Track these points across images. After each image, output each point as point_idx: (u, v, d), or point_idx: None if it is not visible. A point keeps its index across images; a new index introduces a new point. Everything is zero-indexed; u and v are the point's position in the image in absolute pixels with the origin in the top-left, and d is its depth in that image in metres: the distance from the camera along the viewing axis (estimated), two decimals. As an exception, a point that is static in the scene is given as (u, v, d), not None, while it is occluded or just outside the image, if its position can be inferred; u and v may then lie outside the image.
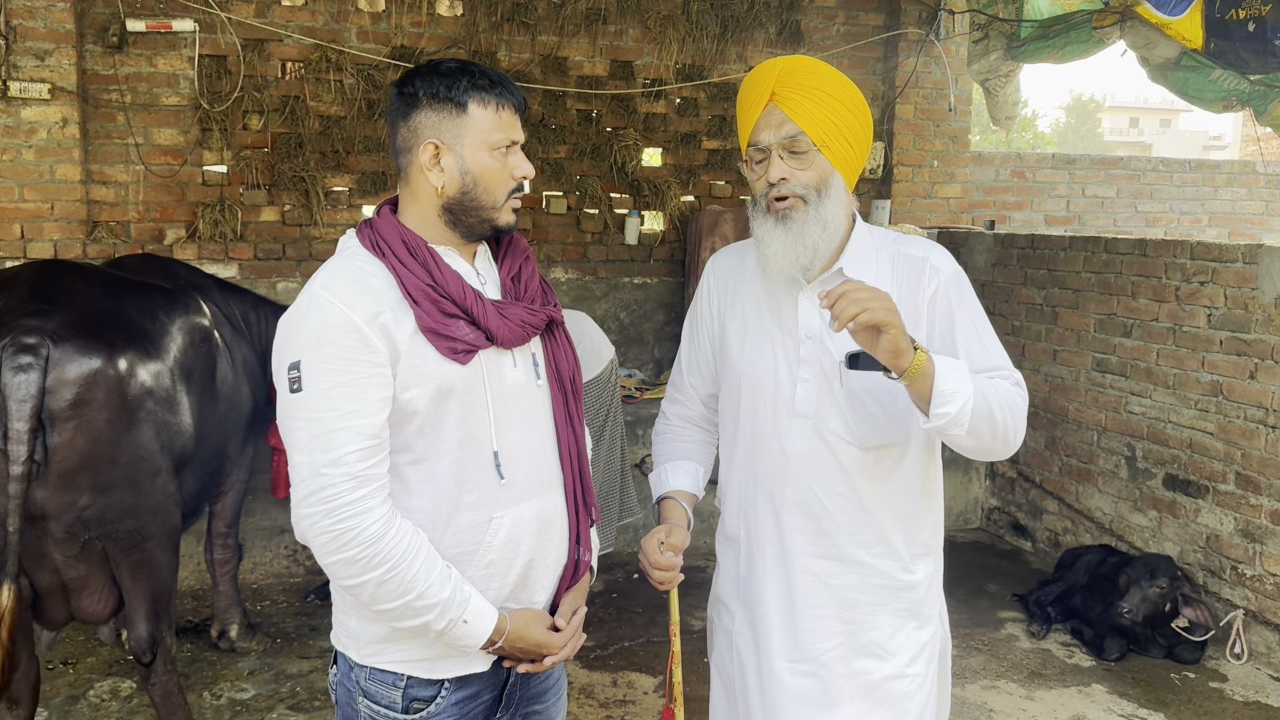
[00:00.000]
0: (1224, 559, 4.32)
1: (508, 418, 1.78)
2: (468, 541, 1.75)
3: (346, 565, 1.62)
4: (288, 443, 1.66)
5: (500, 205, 1.77)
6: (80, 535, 2.87)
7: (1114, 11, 4.75)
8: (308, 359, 1.63)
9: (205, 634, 4.17)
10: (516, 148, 1.78)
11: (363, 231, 1.77)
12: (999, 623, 4.52)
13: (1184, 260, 4.50)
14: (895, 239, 1.98)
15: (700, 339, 2.12)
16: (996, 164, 6.95)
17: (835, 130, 1.85)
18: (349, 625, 1.81)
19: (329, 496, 1.61)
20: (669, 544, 1.92)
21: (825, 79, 1.87)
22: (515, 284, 1.85)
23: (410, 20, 5.60)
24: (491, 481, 1.76)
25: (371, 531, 1.61)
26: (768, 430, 1.96)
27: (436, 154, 1.73)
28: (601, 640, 4.24)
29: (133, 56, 5.21)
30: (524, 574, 1.81)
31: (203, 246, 5.36)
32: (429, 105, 1.73)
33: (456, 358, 1.70)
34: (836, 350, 1.89)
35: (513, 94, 1.76)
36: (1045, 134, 34.48)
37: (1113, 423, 4.92)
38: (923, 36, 6.33)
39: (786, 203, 1.84)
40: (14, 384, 2.67)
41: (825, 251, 1.87)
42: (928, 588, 2.01)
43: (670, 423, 2.20)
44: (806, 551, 1.95)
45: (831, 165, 1.86)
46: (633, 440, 5.21)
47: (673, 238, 6.21)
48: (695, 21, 6.02)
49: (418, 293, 1.68)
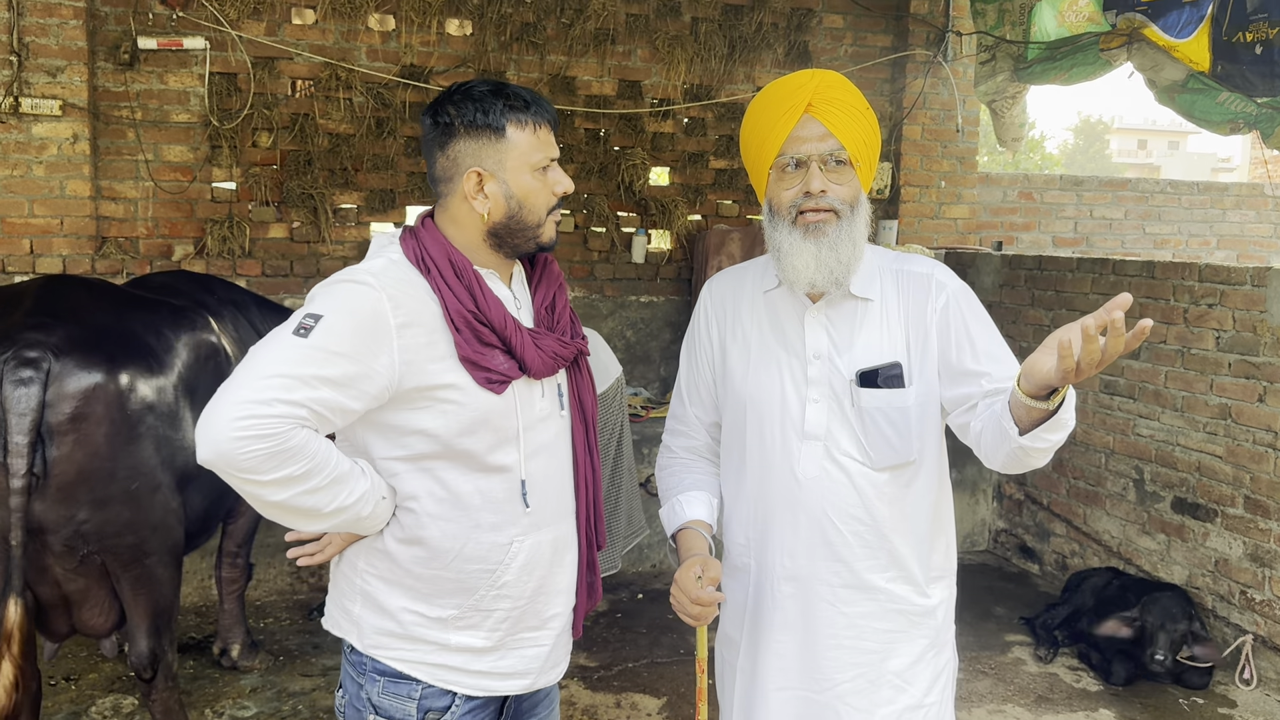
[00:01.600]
0: (1233, 583, 4.28)
1: (534, 447, 1.79)
2: (487, 561, 1.76)
3: (266, 459, 1.54)
4: (250, 359, 1.59)
5: (544, 222, 1.79)
6: (79, 549, 2.87)
7: (1121, 34, 4.75)
8: (332, 322, 1.60)
9: (208, 651, 4.16)
10: (555, 164, 1.80)
11: (406, 242, 1.75)
12: (1006, 646, 4.48)
13: (1192, 283, 4.48)
14: (896, 258, 1.96)
15: (700, 367, 2.07)
16: (1004, 185, 6.95)
17: (866, 149, 1.84)
18: (352, 611, 1.81)
19: (266, 428, 1.53)
20: (708, 577, 1.83)
21: (857, 96, 1.86)
22: (549, 313, 1.86)
23: (420, 39, 5.63)
24: (516, 509, 1.78)
25: (299, 439, 1.57)
26: (776, 454, 1.91)
27: (480, 182, 1.73)
28: (605, 661, 4.22)
29: (144, 74, 5.25)
30: (534, 596, 1.83)
31: (210, 263, 5.37)
32: (467, 133, 1.73)
33: (491, 388, 1.70)
34: (846, 369, 1.87)
35: (547, 111, 1.77)
36: (1053, 155, 34.53)
37: (1121, 445, 4.89)
38: (930, 58, 6.35)
39: (820, 216, 1.81)
40: (14, 397, 2.68)
41: (853, 268, 1.84)
42: (945, 612, 1.97)
43: (675, 455, 2.14)
44: (822, 579, 1.90)
45: (860, 183, 1.85)
46: (638, 459, 5.20)
47: (679, 256, 6.21)
48: (703, 42, 6.05)
49: (459, 318, 1.68)
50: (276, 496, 1.59)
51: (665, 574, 5.19)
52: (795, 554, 1.91)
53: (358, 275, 1.66)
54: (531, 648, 1.85)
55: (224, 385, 1.58)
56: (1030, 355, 1.61)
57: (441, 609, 1.77)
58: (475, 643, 1.79)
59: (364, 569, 1.80)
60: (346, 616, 1.81)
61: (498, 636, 1.81)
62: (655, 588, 5.02)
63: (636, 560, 5.22)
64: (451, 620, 1.77)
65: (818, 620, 1.91)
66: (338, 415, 1.62)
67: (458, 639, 1.78)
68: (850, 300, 1.89)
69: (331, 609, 1.87)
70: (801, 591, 1.92)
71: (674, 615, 4.61)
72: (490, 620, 1.79)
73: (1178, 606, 4.16)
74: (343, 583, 1.83)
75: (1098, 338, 1.47)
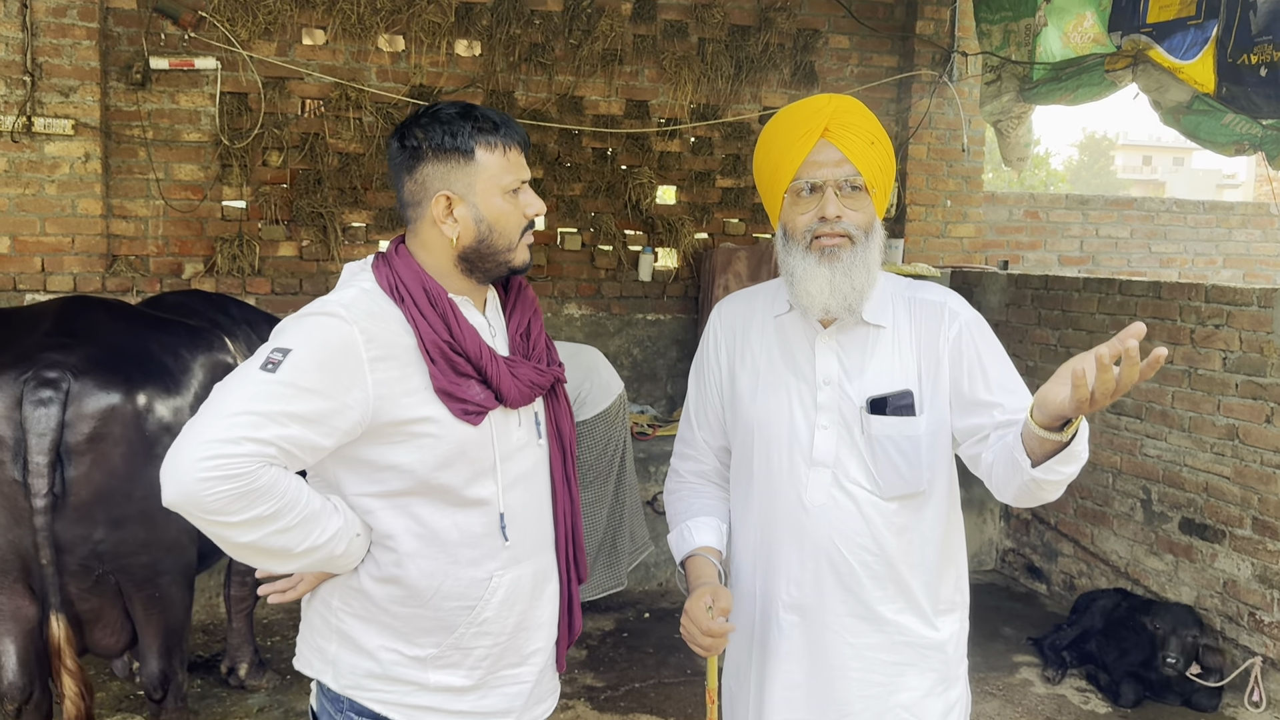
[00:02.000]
0: (1241, 605, 4.27)
1: (511, 478, 1.75)
2: (466, 597, 1.72)
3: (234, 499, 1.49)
4: (216, 396, 1.53)
5: (515, 246, 1.75)
6: (94, 569, 2.88)
7: (1126, 55, 4.78)
8: (301, 356, 1.55)
9: (215, 670, 4.16)
10: (526, 186, 1.76)
11: (379, 270, 1.71)
12: (1014, 667, 4.47)
13: (1199, 303, 4.49)
14: (909, 285, 1.94)
15: (708, 391, 2.04)
16: (1010, 204, 6.97)
17: (881, 175, 1.83)
18: (327, 650, 1.75)
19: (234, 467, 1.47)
20: (718, 607, 1.80)
21: (873, 122, 1.85)
22: (525, 340, 1.83)
23: (429, 60, 5.68)
24: (495, 542, 1.73)
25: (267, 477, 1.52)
26: (784, 481, 1.89)
27: (449, 205, 1.69)
28: (612, 681, 4.22)
29: (155, 93, 5.29)
30: (515, 632, 1.79)
31: (220, 281, 5.40)
32: (435, 157, 1.69)
33: (468, 419, 1.66)
34: (856, 395, 1.85)
35: (516, 133, 1.73)
36: (1059, 171, 34.59)
37: (1128, 465, 4.89)
38: (936, 78, 6.38)
39: (835, 241, 1.80)
40: (34, 418, 2.70)
41: (867, 294, 1.83)
42: (955, 645, 1.94)
43: (684, 480, 2.11)
44: (829, 609, 1.88)
45: (874, 209, 1.84)
46: (644, 477, 5.21)
47: (686, 275, 6.23)
48: (710, 63, 6.08)
49: (435, 349, 1.64)
50: (245, 538, 1.53)
51: (672, 593, 5.19)
52: (801, 583, 1.89)
53: (328, 307, 1.61)
54: (514, 685, 1.81)
55: (189, 424, 1.52)
56: (1043, 385, 1.59)
57: (420, 648, 1.72)
58: (455, 681, 1.75)
59: (339, 607, 1.74)
60: (320, 656, 1.76)
61: (479, 675, 1.76)
62: (662, 606, 5.01)
63: (643, 579, 5.22)
64: (431, 659, 1.73)
65: (824, 651, 1.88)
66: (308, 453, 1.57)
67: (437, 678, 1.73)
68: (862, 326, 1.87)
69: (303, 648, 1.82)
70: (807, 621, 1.89)
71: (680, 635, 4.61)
72: (470, 658, 1.75)
73: (1189, 615, 4.16)
74: (317, 621, 1.78)
75: (1111, 367, 1.46)
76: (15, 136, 4.93)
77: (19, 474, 2.71)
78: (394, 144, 1.74)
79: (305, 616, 1.80)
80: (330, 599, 1.75)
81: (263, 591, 1.77)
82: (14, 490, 2.70)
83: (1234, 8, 4.18)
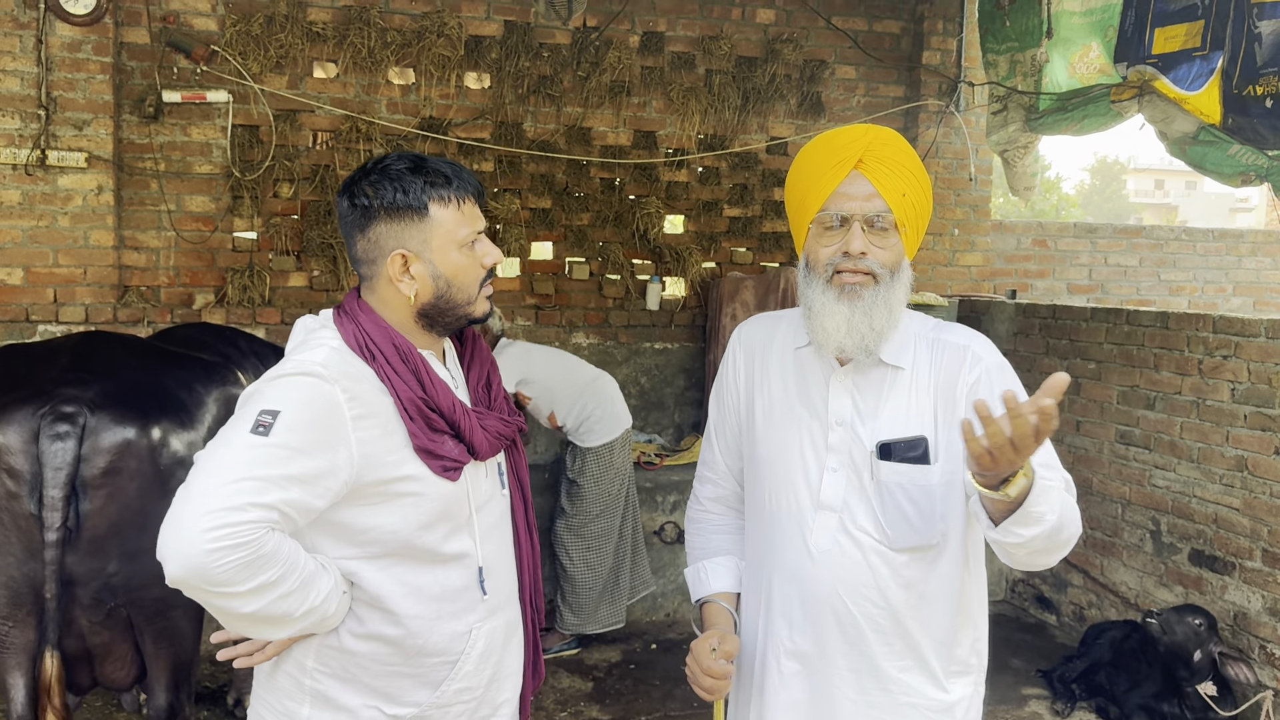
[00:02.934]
0: (1252, 637, 4.24)
1: (484, 530, 1.74)
2: (449, 653, 1.71)
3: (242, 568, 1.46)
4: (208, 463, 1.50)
5: (475, 298, 1.72)
6: (107, 602, 2.89)
7: (1132, 86, 4.80)
8: (290, 417, 1.51)
9: (222, 701, 4.16)
10: (482, 236, 1.73)
11: (344, 327, 1.67)
12: (1023, 700, 4.44)
13: (1206, 334, 4.48)
14: (935, 326, 1.85)
15: (727, 413, 1.96)
16: (1018, 232, 6.98)
17: (915, 213, 1.75)
18: (299, 713, 1.70)
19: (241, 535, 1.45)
20: (722, 650, 1.76)
21: (911, 156, 1.77)
22: (486, 392, 1.82)
23: (439, 92, 5.73)
24: (474, 595, 1.72)
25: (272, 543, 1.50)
26: (790, 522, 1.80)
27: (405, 264, 1.66)
28: (618, 713, 4.20)
29: (168, 126, 5.35)
30: (489, 684, 1.78)
31: (231, 311, 5.44)
32: (387, 215, 1.65)
33: (448, 475, 1.64)
34: (868, 439, 1.75)
35: (469, 184, 1.70)
36: (1070, 196, 34.58)
37: (1137, 496, 4.87)
38: (943, 108, 6.40)
39: (857, 279, 1.72)
40: (51, 451, 2.72)
41: (887, 336, 1.74)
42: (966, 710, 1.81)
43: (703, 507, 2.04)
44: (830, 661, 1.78)
45: (904, 248, 1.75)
46: (651, 507, 5.20)
47: (694, 303, 6.25)
48: (717, 94, 6.12)
49: (412, 407, 1.62)
50: (249, 607, 1.49)
51: (679, 623, 5.17)
52: (804, 630, 1.80)
53: (307, 368, 1.58)
54: None
55: (182, 494, 1.47)
56: None
57: (402, 706, 1.70)
58: None
59: (314, 668, 1.69)
60: (288, 718, 1.71)
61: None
62: (669, 638, 5.00)
63: (650, 609, 5.20)
64: (408, 718, 1.70)
65: (826, 703, 1.79)
66: (304, 515, 1.54)
67: None
68: (880, 367, 1.78)
69: (265, 713, 1.75)
70: (809, 671, 1.81)
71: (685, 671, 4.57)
72: (449, 714, 1.73)
73: (1203, 617, 4.07)
74: (286, 684, 1.71)
75: (994, 419, 1.42)
76: (29, 169, 4.99)
77: (35, 508, 2.73)
78: (344, 202, 1.69)
79: (268, 680, 1.74)
80: (305, 660, 1.69)
81: (224, 656, 1.70)
82: (30, 524, 2.73)
83: (1239, 40, 4.20)
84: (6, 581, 2.78)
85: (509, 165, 5.87)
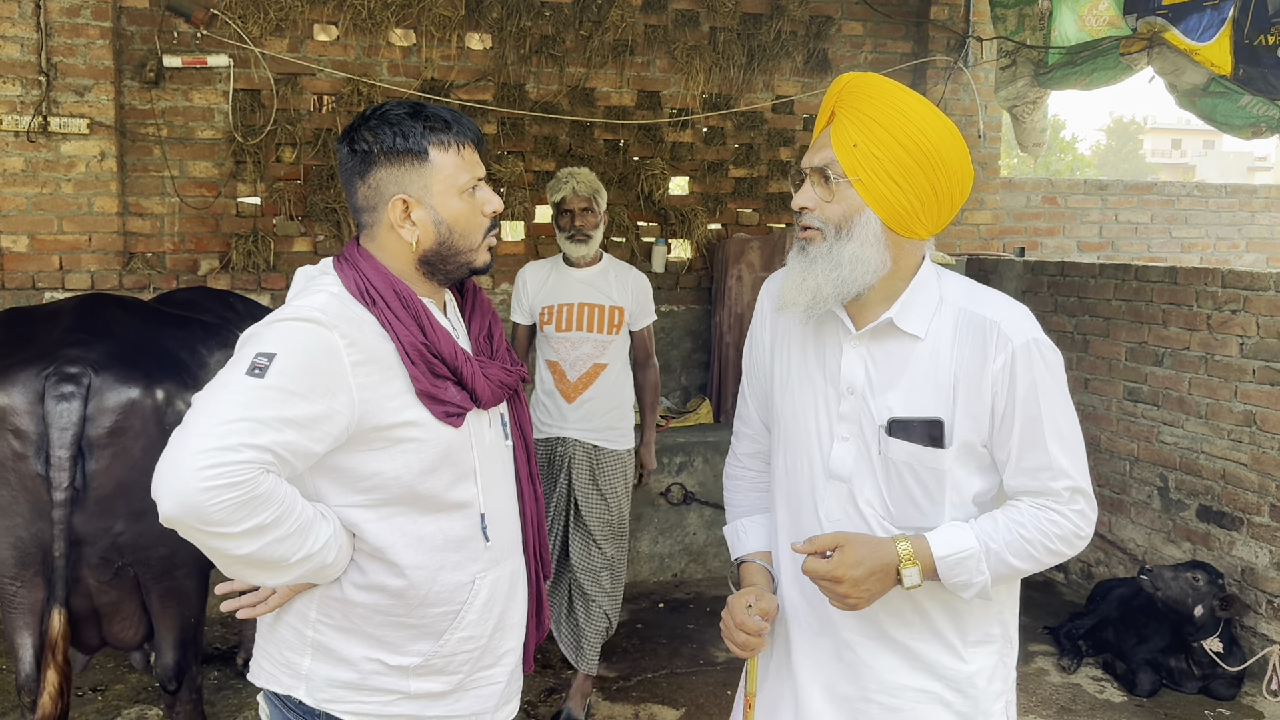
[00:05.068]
0: (1260, 593, 4.23)
1: (489, 479, 1.75)
2: (451, 602, 1.72)
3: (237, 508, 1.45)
4: (204, 404, 1.49)
5: (477, 246, 1.73)
6: (114, 561, 2.92)
7: (1142, 38, 4.72)
8: (286, 360, 1.51)
9: (231, 662, 4.21)
10: (483, 184, 1.73)
11: (344, 273, 1.67)
12: (1029, 656, 4.45)
13: (1215, 289, 4.44)
14: (969, 293, 1.71)
15: (755, 367, 1.91)
16: (1028, 190, 6.91)
17: (875, 163, 1.61)
18: (300, 665, 1.70)
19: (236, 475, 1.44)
20: (758, 607, 1.73)
21: (877, 104, 1.63)
22: (488, 342, 1.82)
23: (440, 54, 5.69)
24: (478, 545, 1.73)
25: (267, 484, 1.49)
26: (804, 489, 1.76)
27: (406, 209, 1.66)
28: (624, 671, 4.23)
29: (169, 91, 5.34)
30: (492, 634, 1.79)
31: (236, 277, 5.45)
32: (387, 160, 1.65)
33: (450, 421, 1.64)
34: (878, 412, 1.67)
35: (469, 130, 1.70)
36: (1085, 157, 34.24)
37: (1145, 453, 4.84)
38: (951, 64, 6.32)
39: (806, 234, 1.68)
40: (57, 412, 2.74)
41: (831, 294, 1.64)
42: (988, 680, 1.74)
43: (741, 464, 1.99)
44: (848, 628, 1.74)
45: (863, 202, 1.63)
46: (658, 469, 5.20)
47: (699, 265, 6.22)
48: (722, 51, 6.06)
49: (414, 352, 1.61)
50: (244, 549, 1.49)
51: (686, 584, 5.19)
52: (818, 599, 1.74)
53: (305, 312, 1.57)
54: (487, 686, 1.80)
55: (177, 435, 1.47)
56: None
57: (405, 657, 1.70)
58: (436, 687, 1.73)
59: (317, 619, 1.69)
60: (291, 671, 1.70)
61: (458, 679, 1.75)
62: (676, 597, 5.02)
63: (657, 570, 5.22)
64: (414, 669, 1.71)
65: (846, 670, 1.75)
66: (301, 459, 1.53)
67: (418, 685, 1.72)
68: (896, 335, 1.68)
69: (266, 664, 1.75)
70: (828, 638, 1.76)
71: (694, 625, 4.58)
72: (453, 664, 1.74)
73: (1204, 573, 4.05)
74: (289, 636, 1.71)
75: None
76: (31, 136, 4.98)
77: (41, 468, 2.75)
78: (343, 149, 1.69)
79: (270, 631, 1.74)
80: (308, 612, 1.70)
81: (228, 607, 1.70)
82: (37, 484, 2.75)
83: (1250, -12, 4.12)
84: (14, 542, 2.81)
85: (512, 127, 5.83)
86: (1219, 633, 4.02)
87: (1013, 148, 17.66)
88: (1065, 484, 1.63)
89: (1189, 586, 3.99)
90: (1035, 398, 1.62)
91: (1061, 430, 1.64)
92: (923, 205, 1.64)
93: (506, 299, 5.88)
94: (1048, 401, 1.63)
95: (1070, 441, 1.64)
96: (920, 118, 1.63)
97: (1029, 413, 1.62)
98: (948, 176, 1.64)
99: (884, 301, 1.69)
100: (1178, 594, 3.99)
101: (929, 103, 1.67)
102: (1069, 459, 1.63)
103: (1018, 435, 1.63)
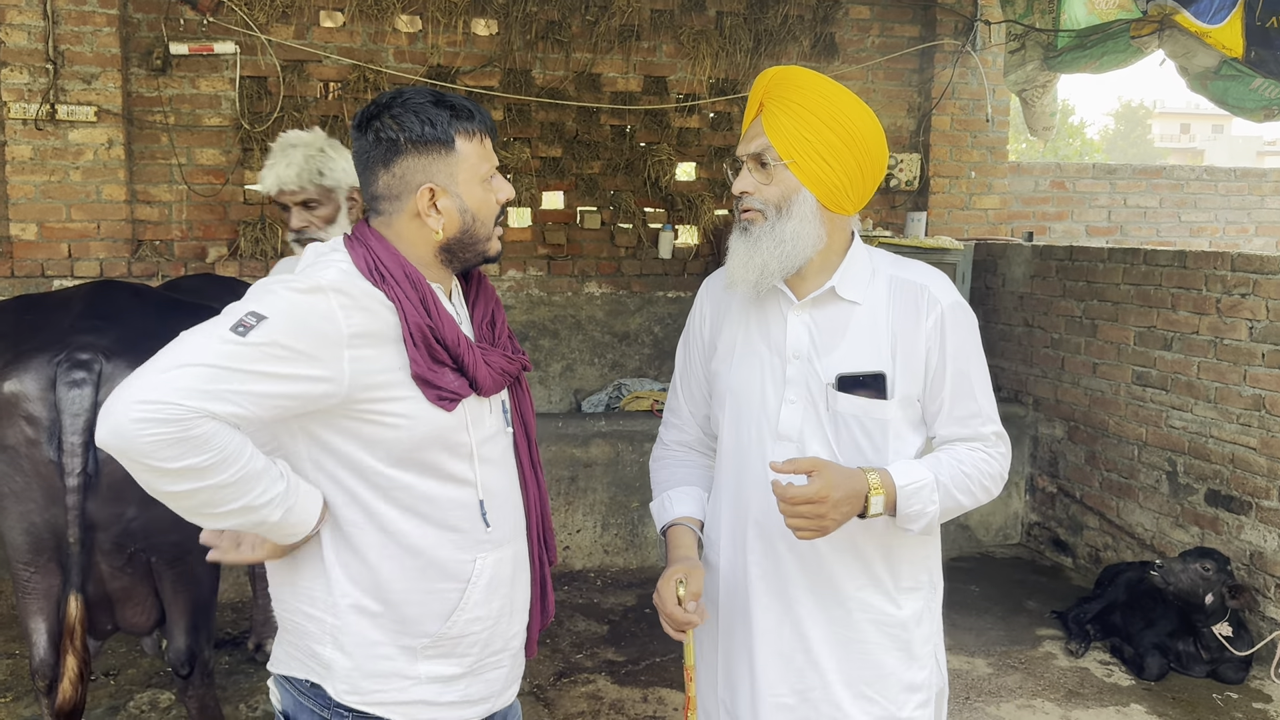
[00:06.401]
0: (1268, 576, 4.23)
1: (488, 465, 1.76)
2: (458, 576, 1.73)
3: (167, 445, 1.44)
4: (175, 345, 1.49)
5: (491, 234, 1.75)
6: (127, 547, 2.94)
7: (1152, 21, 4.69)
8: (275, 325, 1.51)
9: (242, 646, 4.24)
10: (497, 172, 1.75)
11: (355, 250, 1.67)
12: (1037, 640, 4.46)
13: (1224, 272, 4.42)
14: (895, 262, 1.92)
15: (693, 361, 2.08)
16: (1036, 174, 6.88)
17: (807, 146, 1.78)
18: (322, 655, 1.71)
19: (170, 413, 1.42)
20: (689, 591, 1.83)
21: (805, 92, 1.80)
22: (491, 330, 1.83)
23: (446, 40, 5.68)
24: (477, 529, 1.74)
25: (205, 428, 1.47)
26: (752, 452, 1.91)
27: (433, 198, 1.66)
28: (633, 655, 4.25)
29: (176, 79, 5.34)
30: (500, 614, 1.80)
31: (244, 264, 5.46)
32: (414, 149, 1.65)
33: (442, 404, 1.65)
34: (824, 372, 1.85)
35: (487, 120, 1.72)
36: (1094, 141, 34.09)
37: (1153, 437, 4.84)
38: (959, 47, 6.29)
39: (748, 215, 1.84)
40: (69, 399, 2.75)
41: (777, 269, 1.81)
42: (917, 623, 1.93)
43: (668, 449, 2.15)
44: (795, 581, 1.89)
45: (799, 182, 1.80)
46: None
47: (706, 251, 6.21)
48: (728, 36, 6.04)
49: (418, 333, 1.62)
50: (174, 487, 1.48)
51: (695, 569, 5.20)
52: (770, 557, 1.91)
53: (310, 281, 1.57)
54: (495, 670, 1.81)
55: (143, 367, 1.48)
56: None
57: (413, 639, 1.71)
58: (447, 670, 1.74)
59: (339, 600, 1.69)
60: (316, 659, 1.71)
61: (469, 662, 1.76)
62: (684, 582, 5.03)
63: (665, 555, 5.23)
64: (422, 649, 1.72)
65: (790, 622, 1.90)
66: (266, 410, 1.51)
67: (429, 668, 1.72)
68: (837, 302, 1.87)
69: (291, 652, 1.76)
70: (779, 595, 1.91)
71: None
72: (461, 645, 1.75)
73: (1212, 560, 4.05)
74: (311, 625, 1.72)
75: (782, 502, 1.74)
76: (39, 124, 4.99)
77: (54, 454, 2.77)
78: (366, 137, 1.67)
79: (290, 622, 1.75)
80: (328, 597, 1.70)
81: (212, 558, 1.74)
82: (50, 470, 2.77)
83: (1261, -31, 4.09)
84: (28, 528, 2.82)
85: (518, 113, 5.82)
86: (1228, 617, 4.02)
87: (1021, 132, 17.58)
88: (992, 429, 1.88)
89: (1199, 577, 3.99)
90: (964, 353, 1.85)
91: (985, 383, 1.89)
92: (850, 182, 1.82)
93: (513, 285, 5.89)
94: (974, 357, 1.87)
95: (989, 393, 1.89)
96: (844, 102, 1.81)
97: (959, 367, 1.85)
98: (869, 155, 1.83)
99: (821, 273, 1.87)
100: (1188, 585, 4.00)
101: (848, 90, 1.84)
102: (992, 408, 1.88)
103: (949, 387, 1.85)
